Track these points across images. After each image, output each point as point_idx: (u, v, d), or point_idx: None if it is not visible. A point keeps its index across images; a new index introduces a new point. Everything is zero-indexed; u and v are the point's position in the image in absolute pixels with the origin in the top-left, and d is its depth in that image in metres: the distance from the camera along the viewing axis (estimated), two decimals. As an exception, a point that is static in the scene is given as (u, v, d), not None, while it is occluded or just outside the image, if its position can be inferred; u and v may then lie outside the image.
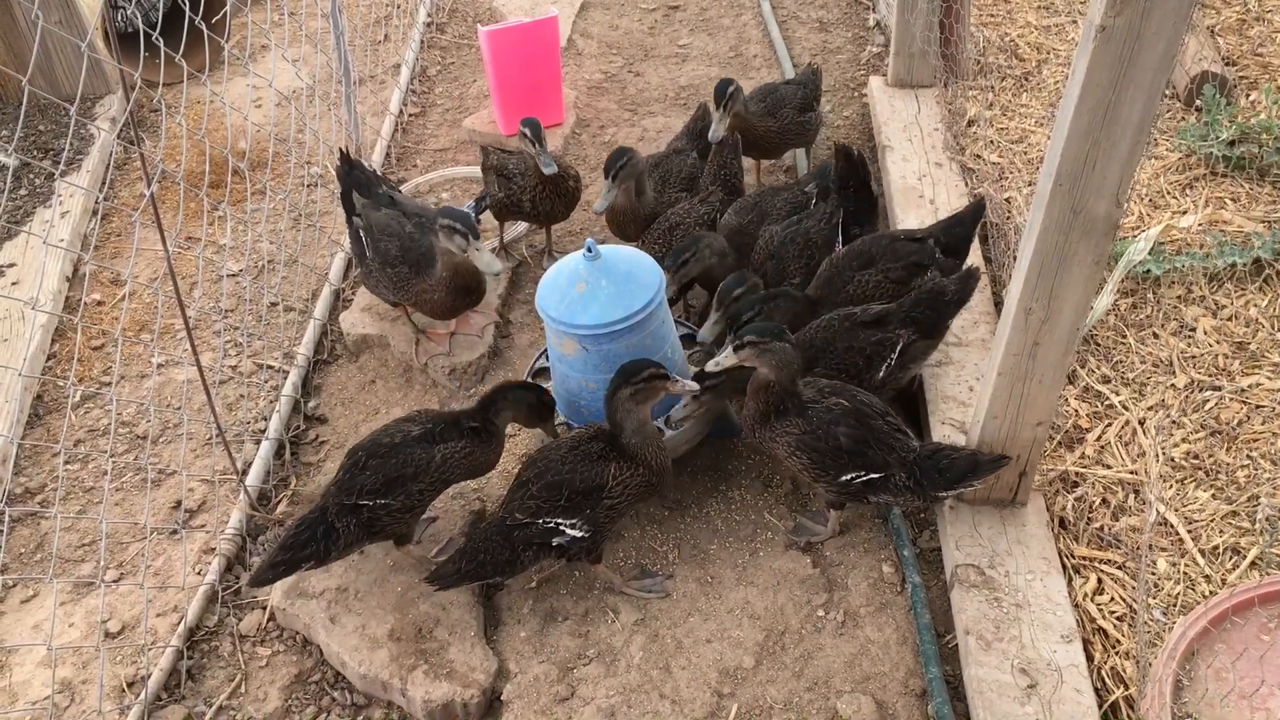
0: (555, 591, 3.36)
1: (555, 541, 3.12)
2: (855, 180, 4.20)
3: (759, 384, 3.14)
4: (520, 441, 3.86)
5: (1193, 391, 3.58)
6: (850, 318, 3.45)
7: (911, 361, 3.49)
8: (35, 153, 5.24)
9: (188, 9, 3.63)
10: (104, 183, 5.12)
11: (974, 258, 3.99)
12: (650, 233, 4.11)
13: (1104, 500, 3.32)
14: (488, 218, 4.62)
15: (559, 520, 3.07)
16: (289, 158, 5.13)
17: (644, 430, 3.12)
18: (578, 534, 3.09)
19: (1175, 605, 2.99)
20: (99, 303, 4.58)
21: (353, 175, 4.09)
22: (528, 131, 4.11)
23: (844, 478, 3.12)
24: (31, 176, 5.09)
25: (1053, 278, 2.67)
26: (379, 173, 5.00)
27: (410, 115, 5.68)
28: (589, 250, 3.33)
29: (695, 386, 3.20)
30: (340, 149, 4.15)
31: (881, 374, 3.40)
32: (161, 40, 3.46)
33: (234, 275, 4.65)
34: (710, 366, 3.17)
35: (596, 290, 3.29)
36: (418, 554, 3.38)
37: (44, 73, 5.38)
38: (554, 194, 4.28)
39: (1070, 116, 2.38)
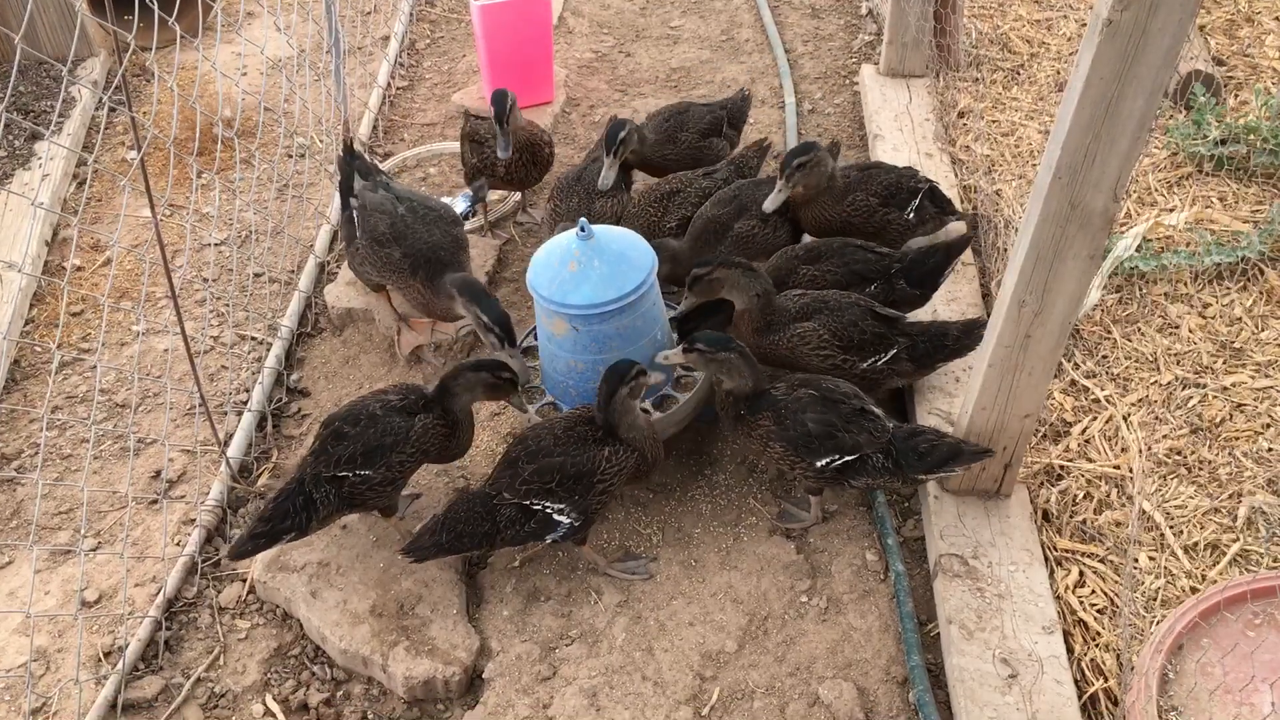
0: (538, 571, 3.35)
1: (549, 538, 3.12)
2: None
3: (721, 395, 3.27)
4: (505, 420, 3.84)
5: (1176, 388, 3.61)
6: (868, 305, 3.48)
7: (897, 375, 3.52)
8: (15, 114, 5.15)
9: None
10: (84, 146, 5.04)
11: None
12: (647, 196, 4.12)
13: (1087, 494, 3.34)
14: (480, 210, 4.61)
15: (547, 504, 3.06)
16: (276, 127, 5.07)
17: (638, 422, 3.15)
18: (567, 521, 3.09)
19: (1156, 600, 3.02)
20: (79, 268, 4.52)
21: (354, 164, 4.00)
22: (493, 108, 4.07)
23: (819, 463, 3.14)
24: (11, 138, 5.01)
25: (1047, 271, 2.68)
26: (369, 159, 4.96)
27: (398, 89, 5.63)
28: (582, 229, 3.31)
29: (667, 364, 3.28)
30: (345, 140, 4.07)
31: (864, 366, 3.42)
32: (155, 1, 3.40)
33: (218, 244, 4.60)
34: (659, 359, 3.30)
35: (589, 270, 3.27)
36: (403, 529, 3.36)
37: (25, 33, 5.28)
38: (530, 161, 4.28)
39: (1072, 110, 2.38)
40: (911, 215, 3.93)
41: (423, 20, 6.20)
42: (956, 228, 4.16)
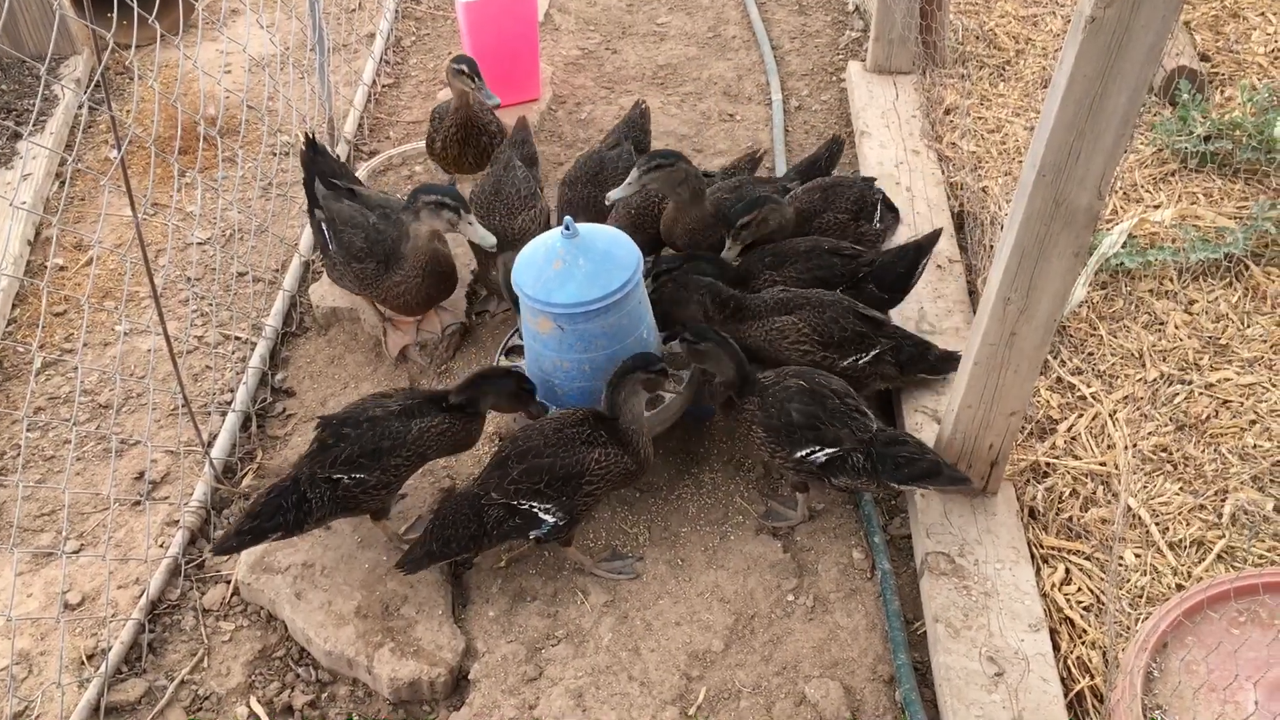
0: (524, 571, 3.34)
1: (533, 534, 3.10)
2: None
3: (714, 384, 3.30)
4: (493, 419, 3.81)
5: (1162, 385, 3.61)
6: (851, 304, 3.48)
7: (881, 378, 3.53)
8: (-3, 112, 5.12)
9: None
10: (67, 145, 5.01)
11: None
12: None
13: (1073, 491, 3.34)
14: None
15: (534, 504, 3.05)
16: (260, 125, 5.04)
17: (640, 419, 3.15)
18: (553, 520, 3.07)
19: (1142, 597, 3.02)
20: (61, 268, 4.49)
21: (317, 162, 3.93)
22: (464, 68, 4.02)
23: (799, 454, 3.14)
24: (-8, 137, 4.98)
25: (1032, 268, 2.67)
26: (348, 154, 4.93)
27: (383, 86, 5.60)
28: (567, 228, 3.29)
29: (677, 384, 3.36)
30: (306, 133, 4.01)
31: (845, 364, 3.43)
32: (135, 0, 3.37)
33: (202, 243, 4.57)
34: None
35: (574, 268, 3.26)
36: (389, 531, 3.34)
37: (7, 31, 5.25)
38: (462, 141, 4.27)
39: (1056, 107, 2.38)
40: (879, 224, 3.94)
41: (408, 17, 6.18)
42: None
